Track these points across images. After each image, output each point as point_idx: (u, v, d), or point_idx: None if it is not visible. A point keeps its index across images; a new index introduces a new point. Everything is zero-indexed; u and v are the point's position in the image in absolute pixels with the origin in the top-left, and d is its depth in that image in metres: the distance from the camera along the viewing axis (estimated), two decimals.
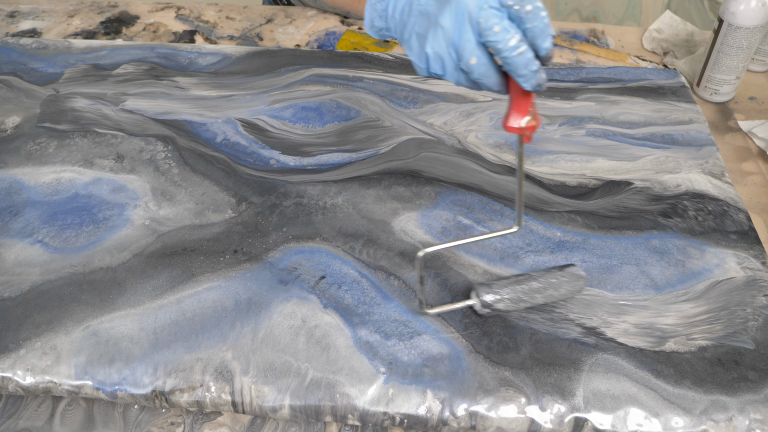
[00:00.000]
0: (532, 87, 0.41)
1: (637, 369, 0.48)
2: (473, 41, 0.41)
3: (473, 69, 0.41)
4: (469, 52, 0.41)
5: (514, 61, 0.40)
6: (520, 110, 0.43)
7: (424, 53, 0.43)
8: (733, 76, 0.78)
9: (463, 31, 0.41)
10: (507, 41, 0.39)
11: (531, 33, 0.40)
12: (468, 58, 0.41)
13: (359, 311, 0.52)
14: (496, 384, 0.47)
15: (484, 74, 0.42)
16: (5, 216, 0.60)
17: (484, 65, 0.41)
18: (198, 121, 0.71)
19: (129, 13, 0.98)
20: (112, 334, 0.50)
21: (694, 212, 0.61)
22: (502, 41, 0.39)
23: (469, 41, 0.41)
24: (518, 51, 0.39)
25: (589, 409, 0.46)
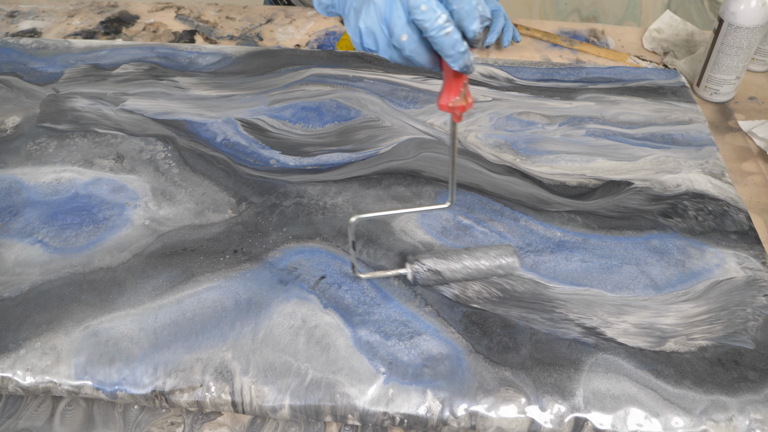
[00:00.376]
0: (460, 68, 0.41)
1: (637, 369, 0.48)
2: (404, 18, 0.41)
3: (404, 46, 0.42)
4: (399, 29, 0.41)
5: (440, 41, 0.40)
6: (451, 90, 0.43)
7: (358, 28, 0.44)
8: (733, 76, 0.78)
9: (394, 8, 0.41)
10: (433, 20, 0.40)
11: (457, 15, 0.40)
12: (399, 35, 0.41)
13: (359, 311, 0.52)
14: (496, 384, 0.47)
15: (415, 51, 0.42)
16: (5, 216, 0.60)
17: (414, 42, 0.42)
18: (198, 121, 0.71)
19: (129, 13, 0.98)
20: (112, 334, 0.50)
21: (694, 212, 0.61)
22: (428, 20, 0.40)
23: (399, 18, 0.41)
24: (445, 31, 0.40)
25: (589, 409, 0.46)
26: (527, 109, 0.74)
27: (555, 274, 0.55)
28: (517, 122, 0.72)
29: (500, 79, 0.79)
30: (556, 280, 0.55)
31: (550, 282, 0.54)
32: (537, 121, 0.72)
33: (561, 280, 0.55)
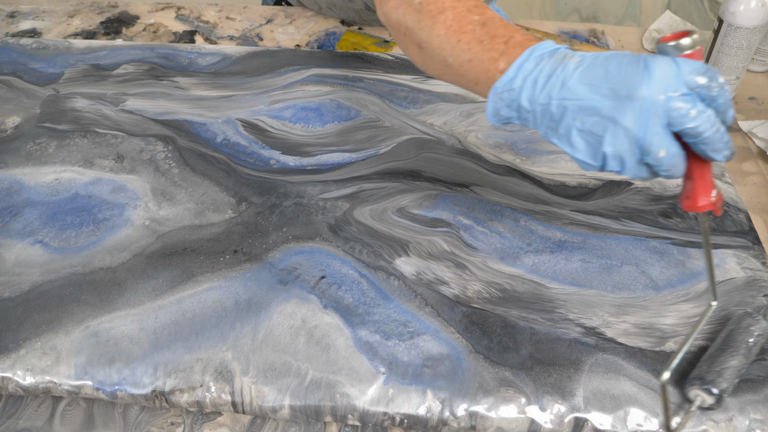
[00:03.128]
0: (726, 157, 0.40)
1: (637, 369, 0.48)
2: (662, 134, 0.39)
3: (662, 162, 0.40)
4: (657, 145, 0.39)
5: (711, 138, 0.39)
6: (706, 185, 0.42)
7: (601, 153, 0.41)
8: (733, 77, 0.78)
9: (650, 126, 0.39)
10: (706, 122, 0.39)
11: (723, 107, 0.39)
12: (656, 152, 0.39)
13: (359, 311, 0.52)
14: (496, 384, 0.47)
15: (673, 164, 0.40)
16: (5, 216, 0.60)
17: (673, 155, 0.40)
18: (198, 121, 0.71)
19: (129, 13, 0.98)
20: (112, 334, 0.50)
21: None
22: (701, 124, 0.38)
23: (656, 134, 0.39)
24: (715, 128, 0.39)
25: (589, 409, 0.46)
26: None
27: (555, 274, 0.55)
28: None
29: None
30: (556, 280, 0.55)
31: (550, 282, 0.54)
32: None
33: (561, 280, 0.55)
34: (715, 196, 0.42)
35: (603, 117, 0.40)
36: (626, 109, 0.39)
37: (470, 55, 0.46)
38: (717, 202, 0.42)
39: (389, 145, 0.68)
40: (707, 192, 0.42)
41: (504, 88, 0.44)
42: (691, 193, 0.42)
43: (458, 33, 0.46)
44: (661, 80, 0.38)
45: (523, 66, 0.43)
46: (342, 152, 0.68)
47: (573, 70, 0.41)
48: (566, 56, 0.42)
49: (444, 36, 0.47)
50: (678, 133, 0.40)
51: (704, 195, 0.42)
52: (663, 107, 0.38)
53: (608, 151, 0.41)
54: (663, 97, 0.38)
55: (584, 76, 0.41)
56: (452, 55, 0.47)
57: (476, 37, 0.46)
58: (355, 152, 0.67)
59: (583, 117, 0.41)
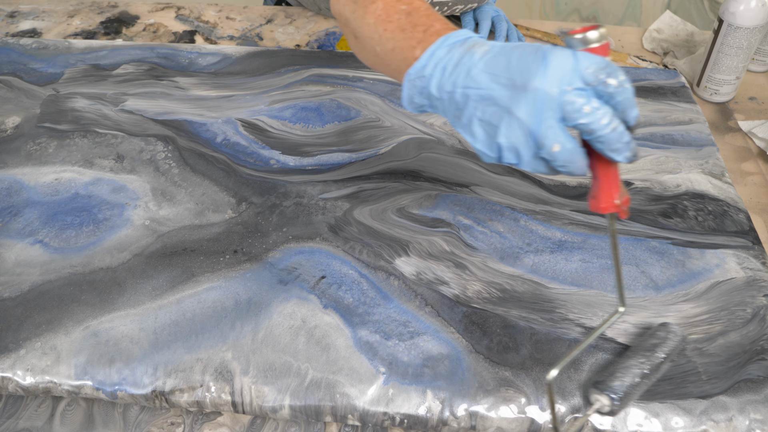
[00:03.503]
0: (626, 159, 0.38)
1: None
2: (556, 127, 0.38)
3: (557, 156, 0.39)
4: (551, 139, 0.38)
5: (607, 137, 0.38)
6: (611, 187, 0.40)
7: (496, 144, 0.40)
8: (733, 76, 0.78)
9: (544, 119, 0.38)
10: (599, 120, 0.37)
11: (622, 105, 0.38)
12: (550, 146, 0.38)
13: (359, 311, 0.52)
14: (496, 384, 0.47)
15: (569, 160, 0.39)
16: (5, 216, 0.60)
17: (568, 151, 0.39)
18: (198, 121, 0.71)
19: (129, 13, 0.98)
20: (112, 334, 0.50)
21: (694, 212, 0.61)
22: (594, 121, 0.37)
23: (550, 128, 0.38)
24: (611, 127, 0.38)
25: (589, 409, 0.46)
26: None
27: (555, 274, 0.55)
28: None
29: None
30: (556, 280, 0.55)
31: (550, 282, 0.54)
32: None
33: (561, 280, 0.55)
34: (620, 198, 0.41)
35: (500, 107, 0.40)
36: (521, 100, 0.38)
37: (393, 43, 0.46)
38: (622, 205, 0.41)
39: (389, 145, 0.68)
40: (611, 194, 0.40)
41: (416, 75, 0.44)
42: (597, 192, 0.41)
43: (385, 22, 0.47)
44: (556, 72, 0.37)
45: (435, 53, 0.43)
46: (342, 152, 0.68)
47: (479, 59, 0.41)
48: (476, 45, 0.42)
49: (373, 25, 0.47)
50: (574, 128, 0.39)
51: (607, 197, 0.40)
52: (557, 100, 0.37)
53: (503, 143, 0.40)
54: (557, 90, 0.37)
55: (488, 65, 0.40)
56: (379, 44, 0.47)
57: (400, 26, 0.46)
58: (355, 152, 0.67)
59: (483, 106, 0.41)
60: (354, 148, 0.68)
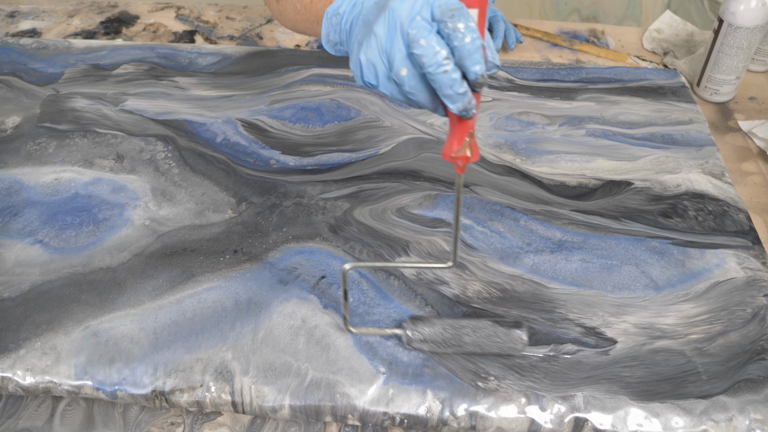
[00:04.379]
0: (458, 110, 0.38)
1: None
2: (404, 52, 0.39)
3: (404, 81, 0.40)
4: (399, 62, 0.39)
5: (438, 78, 0.38)
6: (455, 138, 0.41)
7: (358, 60, 0.41)
8: (733, 76, 0.78)
9: (395, 41, 0.39)
10: (431, 56, 0.37)
11: (458, 53, 0.38)
12: (398, 69, 0.39)
13: (359, 311, 0.52)
14: (496, 384, 0.47)
15: (415, 88, 0.40)
16: (5, 216, 0.60)
17: (413, 78, 0.39)
18: (198, 121, 0.71)
19: (129, 13, 0.98)
20: (112, 334, 0.50)
21: (694, 212, 0.61)
22: (426, 55, 0.38)
23: (399, 51, 0.39)
24: (443, 69, 0.38)
25: (589, 409, 0.46)
26: (527, 109, 0.74)
27: (555, 274, 0.55)
28: (517, 122, 0.72)
29: (500, 79, 0.79)
30: (556, 280, 0.55)
31: (550, 282, 0.54)
32: (537, 121, 0.72)
33: (561, 280, 0.55)
34: (458, 152, 0.40)
35: (368, 26, 0.41)
36: (380, 18, 0.40)
37: None
38: (461, 159, 0.41)
39: (389, 145, 0.68)
40: (451, 144, 0.41)
41: (333, 13, 0.46)
42: (446, 141, 0.42)
43: None
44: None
45: None
46: (342, 152, 0.68)
47: None
48: None
49: None
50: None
51: (448, 146, 0.41)
52: (405, 26, 0.38)
53: (362, 59, 0.41)
54: (407, 15, 0.38)
55: None
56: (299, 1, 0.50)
57: None
58: (355, 152, 0.67)
59: (362, 29, 0.42)
60: (354, 148, 0.68)
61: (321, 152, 0.67)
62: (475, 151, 0.41)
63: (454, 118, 0.40)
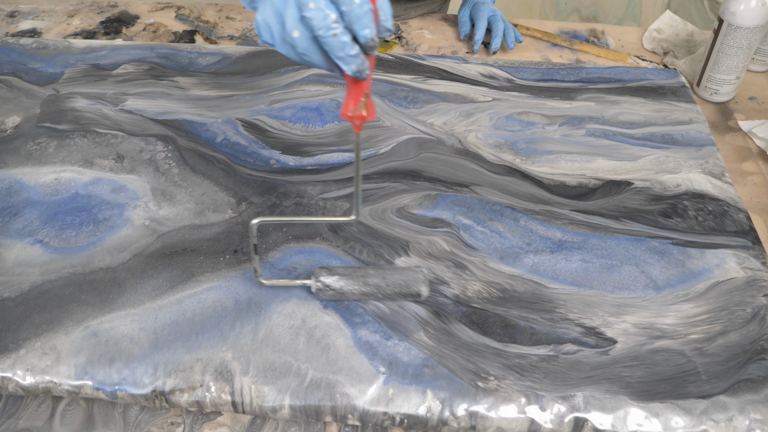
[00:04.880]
0: (352, 72, 0.41)
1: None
2: (296, 15, 0.40)
3: (296, 43, 0.41)
4: (291, 25, 0.41)
5: (328, 41, 0.40)
6: (351, 98, 0.43)
7: (257, 20, 0.43)
8: (733, 76, 0.78)
9: (288, 3, 0.41)
10: (320, 20, 0.39)
11: (347, 17, 0.40)
12: (290, 31, 0.41)
13: (359, 311, 0.52)
14: (496, 384, 0.47)
15: (308, 50, 0.41)
16: (5, 216, 0.60)
17: (306, 40, 0.41)
18: (198, 121, 0.71)
19: (129, 13, 0.98)
20: (112, 334, 0.50)
21: (694, 212, 0.61)
22: (315, 18, 0.39)
23: (292, 14, 0.41)
24: (332, 32, 0.40)
25: (589, 409, 0.46)
26: (527, 109, 0.74)
27: (555, 274, 0.55)
28: (517, 122, 0.72)
29: (500, 79, 0.79)
30: (556, 280, 0.55)
31: (550, 282, 0.54)
32: (537, 121, 0.72)
33: (561, 280, 0.55)
34: (354, 111, 0.43)
35: None
36: None
37: None
38: (357, 118, 0.43)
39: (389, 145, 0.68)
40: (348, 104, 0.43)
41: None
42: (344, 101, 0.44)
43: None
44: None
45: None
46: (342, 152, 0.68)
47: None
48: None
49: None
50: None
51: (345, 105, 0.43)
52: None
53: (259, 20, 0.43)
54: None
55: None
56: None
57: None
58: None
59: None
60: (354, 148, 0.68)
61: (321, 152, 0.67)
62: (371, 110, 0.43)
63: (349, 79, 0.42)
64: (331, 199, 0.62)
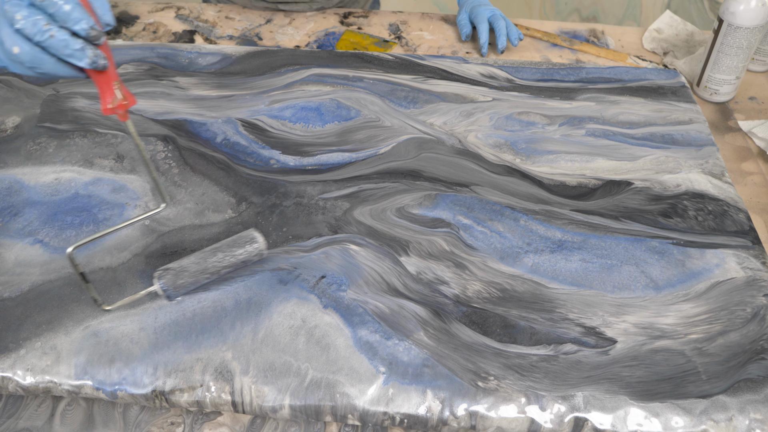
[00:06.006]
0: (88, 65, 0.43)
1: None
2: (9, 31, 0.42)
3: (22, 58, 0.43)
4: (9, 42, 0.42)
5: (49, 44, 0.42)
6: (105, 92, 0.45)
7: None
8: (733, 76, 0.78)
9: (1, 25, 0.42)
10: (32, 26, 0.41)
11: (58, 17, 0.42)
12: (10, 49, 0.43)
13: (359, 311, 0.52)
14: (496, 384, 0.47)
15: (35, 61, 0.43)
16: (5, 216, 0.60)
17: (29, 52, 0.42)
18: (198, 121, 0.71)
19: (129, 13, 0.98)
20: (112, 334, 0.50)
21: (694, 212, 0.61)
22: (26, 27, 0.41)
23: (5, 32, 0.42)
24: (48, 34, 0.41)
25: (588, 409, 0.46)
26: (527, 109, 0.74)
27: (555, 274, 0.55)
28: (517, 122, 0.72)
29: (500, 79, 0.79)
30: (556, 280, 0.55)
31: (550, 282, 0.54)
32: (537, 121, 0.72)
33: (561, 280, 0.55)
34: (113, 103, 0.45)
35: None
36: None
37: None
38: (117, 108, 0.45)
39: (389, 145, 0.68)
40: (105, 98, 0.45)
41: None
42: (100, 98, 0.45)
43: None
44: None
45: None
46: (342, 152, 0.68)
47: None
48: None
49: None
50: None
51: (103, 101, 0.45)
52: (2, 7, 0.42)
53: None
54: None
55: None
56: None
57: None
58: (355, 152, 0.67)
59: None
60: (354, 148, 0.68)
61: (321, 152, 0.67)
62: (128, 96, 0.45)
63: (92, 74, 0.44)
64: (331, 199, 0.62)
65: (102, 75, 0.44)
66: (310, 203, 0.61)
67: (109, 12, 0.44)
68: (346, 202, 0.61)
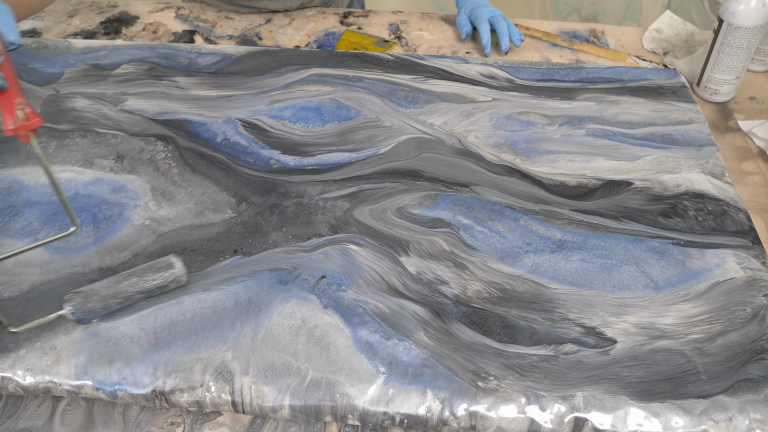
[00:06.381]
0: None
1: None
2: None
3: None
4: None
5: None
6: (5, 112, 0.44)
7: None
8: (733, 76, 0.78)
9: None
10: None
11: None
12: None
13: (359, 311, 0.52)
14: (496, 384, 0.47)
15: None
16: (5, 216, 0.60)
17: None
18: (198, 121, 0.71)
19: (129, 13, 0.98)
20: (112, 334, 0.50)
21: (694, 212, 0.61)
22: None
23: None
24: None
25: (588, 409, 0.46)
26: (527, 109, 0.74)
27: (555, 274, 0.55)
28: (517, 122, 0.72)
29: (500, 79, 0.79)
30: (556, 280, 0.55)
31: (550, 282, 0.54)
32: (537, 121, 0.72)
33: (561, 280, 0.55)
34: (15, 124, 0.44)
35: None
36: None
37: None
38: (19, 129, 0.45)
39: (389, 145, 0.68)
40: (7, 119, 0.45)
41: None
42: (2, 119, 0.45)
43: None
44: None
45: None
46: (342, 152, 0.68)
47: None
48: None
49: None
50: None
51: (5, 122, 0.45)
52: None
53: None
54: None
55: None
56: None
57: None
58: (355, 152, 0.67)
59: None
60: (354, 148, 0.68)
61: (321, 152, 0.67)
62: (33, 116, 0.45)
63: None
64: (331, 199, 0.62)
65: (2, 95, 0.44)
66: (310, 203, 0.61)
67: (15, 31, 0.45)
68: (346, 202, 0.61)
